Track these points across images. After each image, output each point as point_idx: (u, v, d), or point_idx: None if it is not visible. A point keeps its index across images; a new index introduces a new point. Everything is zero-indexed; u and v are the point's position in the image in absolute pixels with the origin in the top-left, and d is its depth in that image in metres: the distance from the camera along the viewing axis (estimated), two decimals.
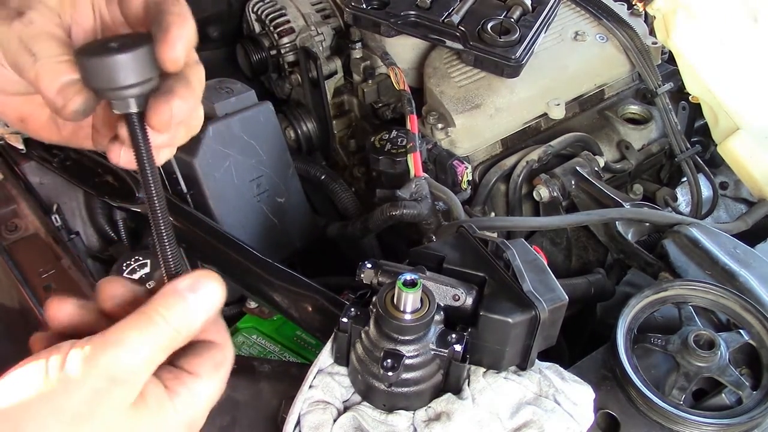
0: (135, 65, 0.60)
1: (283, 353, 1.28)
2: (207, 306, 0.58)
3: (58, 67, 0.61)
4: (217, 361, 0.60)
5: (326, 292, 1.07)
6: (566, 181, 1.35)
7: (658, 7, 1.44)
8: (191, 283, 0.57)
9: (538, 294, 0.86)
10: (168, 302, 0.56)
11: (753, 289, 1.05)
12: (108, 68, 0.59)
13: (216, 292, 0.58)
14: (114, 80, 0.60)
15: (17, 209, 1.22)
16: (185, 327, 0.57)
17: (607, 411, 0.92)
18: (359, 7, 1.41)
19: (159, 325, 0.55)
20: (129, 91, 0.60)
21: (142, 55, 0.60)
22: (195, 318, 0.57)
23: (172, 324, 0.56)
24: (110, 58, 0.59)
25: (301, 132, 1.63)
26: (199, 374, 0.58)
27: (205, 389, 0.58)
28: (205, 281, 0.58)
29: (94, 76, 0.60)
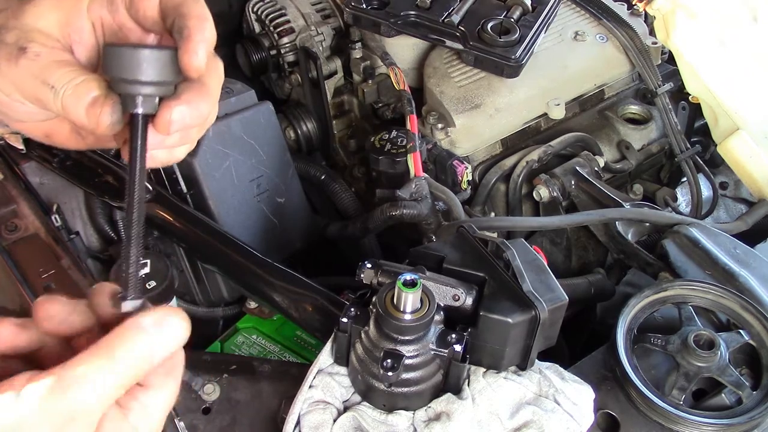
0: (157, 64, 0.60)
1: (283, 353, 1.28)
2: (171, 343, 0.57)
3: (78, 89, 0.61)
4: (167, 369, 0.59)
5: (326, 292, 1.07)
6: (566, 181, 1.35)
7: (658, 7, 1.44)
8: (156, 319, 0.56)
9: (538, 294, 0.86)
10: (132, 338, 0.55)
11: (753, 289, 1.05)
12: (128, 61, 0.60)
13: (181, 329, 0.58)
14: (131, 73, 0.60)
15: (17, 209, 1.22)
16: (147, 363, 0.56)
17: (607, 411, 0.92)
18: (359, 7, 1.41)
19: (121, 361, 0.54)
20: (143, 88, 0.61)
21: (165, 57, 0.61)
22: (157, 354, 0.56)
23: (135, 361, 0.55)
24: (136, 50, 0.60)
25: (301, 132, 1.63)
26: (150, 385, 0.58)
27: (156, 399, 0.58)
28: (171, 318, 0.57)
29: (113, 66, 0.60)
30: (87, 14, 0.67)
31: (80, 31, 0.67)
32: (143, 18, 0.67)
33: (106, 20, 0.68)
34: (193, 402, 0.95)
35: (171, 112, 0.62)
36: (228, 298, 1.35)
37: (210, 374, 0.98)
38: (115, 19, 0.68)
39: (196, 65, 0.61)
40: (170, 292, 1.16)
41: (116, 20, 0.68)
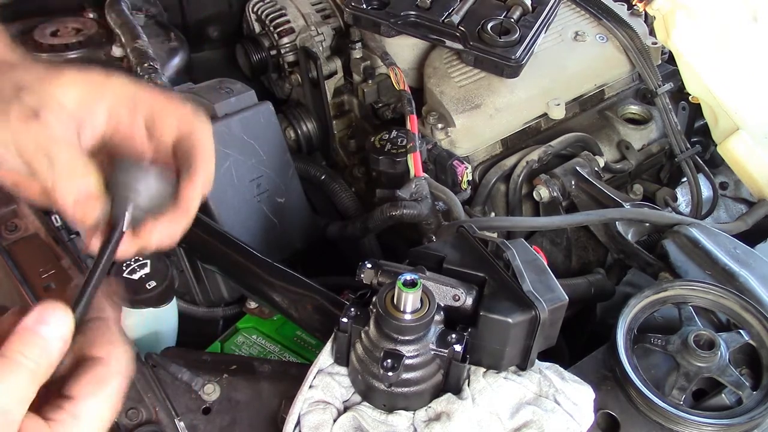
0: (157, 193, 0.66)
1: (283, 353, 1.28)
2: (59, 332, 0.58)
3: (73, 178, 0.64)
4: (98, 378, 0.60)
5: (326, 292, 1.07)
6: (566, 181, 1.35)
7: (658, 7, 1.44)
8: (38, 316, 0.58)
9: (538, 294, 0.86)
10: (23, 340, 0.56)
11: (753, 289, 1.05)
12: (140, 182, 0.65)
13: (64, 317, 0.59)
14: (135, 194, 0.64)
15: (17, 209, 1.22)
16: (45, 359, 0.57)
17: (607, 411, 0.92)
18: (359, 7, 1.41)
19: (21, 364, 0.55)
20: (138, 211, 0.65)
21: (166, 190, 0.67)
22: (51, 347, 0.57)
23: (33, 359, 0.56)
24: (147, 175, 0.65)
25: (301, 132, 1.63)
26: (79, 396, 0.59)
27: (87, 410, 0.58)
28: (51, 311, 0.58)
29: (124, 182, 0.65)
30: (107, 105, 0.69)
31: (94, 116, 0.69)
32: (156, 137, 0.70)
33: (122, 120, 0.70)
34: (193, 402, 0.95)
35: (155, 230, 0.67)
36: (228, 298, 1.35)
37: (210, 374, 0.98)
38: (132, 127, 0.70)
39: (192, 202, 0.68)
40: (170, 292, 1.16)
41: (131, 124, 0.70)
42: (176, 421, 0.92)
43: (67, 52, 1.57)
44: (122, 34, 1.56)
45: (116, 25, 1.58)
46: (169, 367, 0.97)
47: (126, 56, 1.54)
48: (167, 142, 0.70)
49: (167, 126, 0.70)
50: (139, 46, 1.52)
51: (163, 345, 1.18)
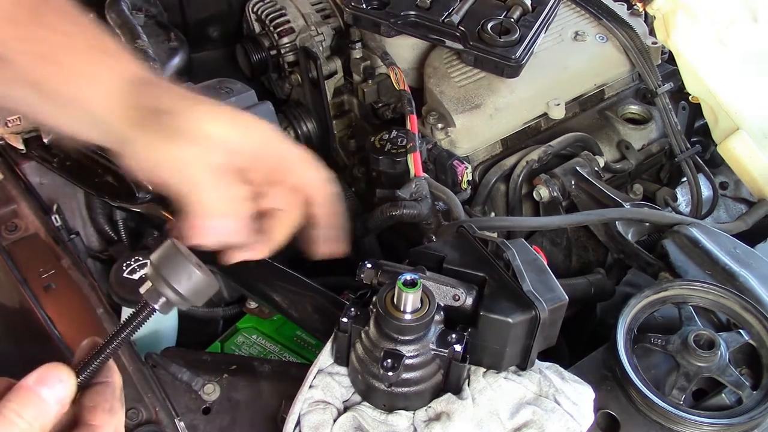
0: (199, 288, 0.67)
1: (283, 353, 1.28)
2: (58, 396, 0.59)
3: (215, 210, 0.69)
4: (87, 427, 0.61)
5: (326, 292, 1.07)
6: (566, 181, 1.35)
7: (658, 7, 1.44)
8: (39, 377, 0.59)
9: (538, 294, 0.86)
10: (20, 399, 0.57)
11: (753, 289, 1.05)
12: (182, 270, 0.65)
13: (66, 381, 0.60)
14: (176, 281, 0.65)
15: (17, 209, 1.22)
16: (39, 420, 0.58)
17: (607, 411, 0.92)
18: (359, 7, 1.41)
19: (14, 423, 0.56)
20: (174, 296, 0.66)
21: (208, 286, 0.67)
22: (48, 410, 0.58)
23: (27, 419, 0.57)
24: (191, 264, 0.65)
25: (301, 132, 1.63)
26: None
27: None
28: (54, 373, 0.60)
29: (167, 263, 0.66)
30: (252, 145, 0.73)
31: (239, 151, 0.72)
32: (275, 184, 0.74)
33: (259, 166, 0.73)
34: (193, 402, 0.95)
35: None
36: (228, 298, 1.35)
37: (210, 374, 0.98)
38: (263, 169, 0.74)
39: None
40: None
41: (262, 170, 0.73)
42: (176, 421, 0.92)
43: None
44: (122, 34, 1.55)
45: (116, 25, 1.57)
46: (169, 367, 0.97)
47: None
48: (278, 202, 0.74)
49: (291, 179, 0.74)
50: (139, 46, 1.52)
51: (163, 345, 1.18)
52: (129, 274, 1.12)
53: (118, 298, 1.10)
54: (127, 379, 0.94)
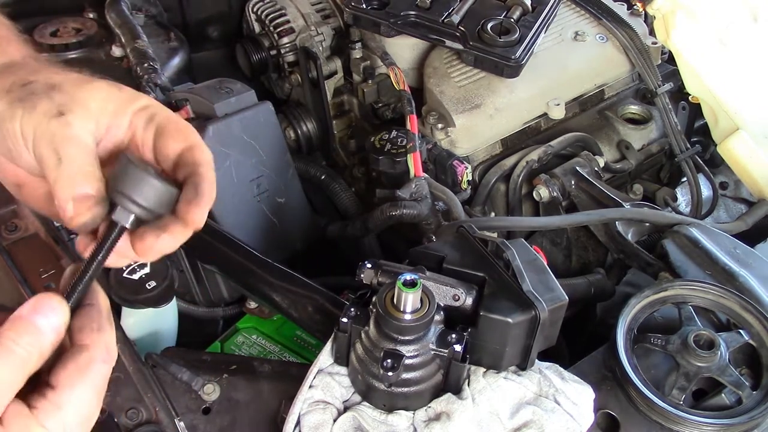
0: (160, 196, 0.66)
1: (283, 353, 1.28)
2: (53, 324, 0.59)
3: (77, 178, 0.65)
4: (82, 367, 0.60)
5: (326, 292, 1.07)
6: (566, 181, 1.35)
7: (658, 7, 1.44)
8: (34, 306, 0.59)
9: (538, 294, 0.86)
10: (16, 327, 0.57)
11: (753, 289, 1.05)
12: (139, 180, 0.64)
13: (58, 308, 0.60)
14: (136, 193, 0.64)
15: (17, 209, 1.22)
16: (36, 348, 0.58)
17: (607, 411, 0.92)
18: (359, 7, 1.41)
19: (11, 351, 0.56)
20: (137, 209, 0.65)
21: (167, 194, 0.67)
22: (44, 339, 0.58)
23: (24, 347, 0.57)
24: (147, 176, 0.65)
25: (301, 132, 1.63)
26: (62, 385, 0.59)
27: (71, 398, 0.59)
28: (48, 301, 0.60)
29: (123, 177, 0.65)
30: (130, 116, 0.72)
31: (118, 126, 0.71)
32: (159, 151, 0.72)
33: (137, 131, 0.72)
34: (193, 402, 0.95)
35: (157, 242, 0.67)
36: (228, 298, 1.35)
37: (210, 374, 0.98)
38: (144, 135, 0.72)
39: (199, 220, 0.69)
40: (170, 292, 1.16)
41: (144, 136, 0.72)
42: (176, 421, 0.92)
43: (67, 52, 1.57)
44: (122, 34, 1.56)
45: (116, 25, 1.58)
46: (169, 367, 0.97)
47: (126, 56, 1.54)
48: (169, 157, 0.72)
49: (172, 142, 0.71)
50: (139, 46, 1.52)
51: (163, 345, 1.18)
52: (129, 274, 1.12)
53: (118, 298, 1.10)
54: (127, 379, 0.94)
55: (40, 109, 0.67)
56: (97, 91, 0.71)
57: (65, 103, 0.68)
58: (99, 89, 0.71)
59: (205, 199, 0.69)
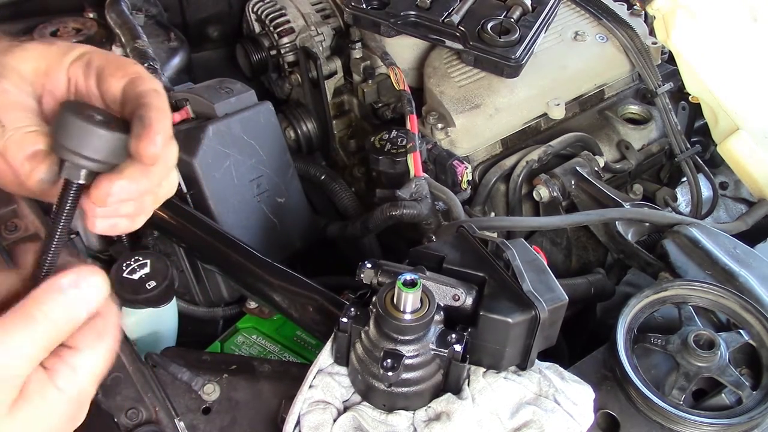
0: (106, 145, 0.62)
1: (283, 353, 1.28)
2: (90, 300, 0.58)
3: (25, 138, 0.63)
4: (97, 331, 0.60)
5: (326, 292, 1.07)
6: (566, 181, 1.35)
7: (658, 7, 1.44)
8: (74, 279, 0.57)
9: (538, 294, 0.86)
10: (50, 298, 0.56)
11: (753, 289, 1.05)
12: (83, 132, 0.60)
13: (100, 286, 0.59)
14: (81, 146, 0.61)
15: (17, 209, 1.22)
16: (67, 322, 0.57)
17: (607, 411, 0.92)
18: (359, 7, 1.41)
19: (41, 323, 0.55)
20: (86, 162, 0.61)
21: (116, 141, 0.62)
22: (77, 313, 0.57)
23: (54, 320, 0.56)
24: (90, 126, 0.60)
25: (301, 132, 1.63)
26: (79, 347, 0.59)
27: (87, 361, 0.59)
28: (89, 277, 0.58)
29: (66, 131, 0.61)
30: (67, 69, 0.69)
31: (56, 82, 0.69)
32: (104, 93, 0.69)
33: (79, 81, 0.69)
34: (193, 402, 0.95)
35: (111, 186, 0.63)
36: (228, 298, 1.35)
37: (210, 374, 0.98)
38: (86, 83, 0.69)
39: (152, 153, 0.63)
40: (170, 292, 1.16)
41: (87, 84, 0.69)
42: (176, 421, 0.92)
43: None
44: (122, 34, 1.56)
45: (116, 25, 1.58)
46: (169, 367, 0.97)
47: (126, 56, 1.54)
48: (115, 96, 0.68)
49: (114, 80, 0.68)
50: (139, 46, 1.52)
51: (163, 345, 1.18)
52: (129, 274, 1.12)
53: (118, 298, 1.10)
54: (127, 379, 0.94)
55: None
56: (28, 52, 0.68)
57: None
58: (29, 50, 0.69)
59: (154, 128, 0.63)
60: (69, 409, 0.58)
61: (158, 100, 0.66)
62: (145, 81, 0.67)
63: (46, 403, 0.56)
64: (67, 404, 0.58)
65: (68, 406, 0.58)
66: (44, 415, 0.57)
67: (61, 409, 0.58)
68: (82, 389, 0.59)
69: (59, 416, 0.58)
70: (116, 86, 0.68)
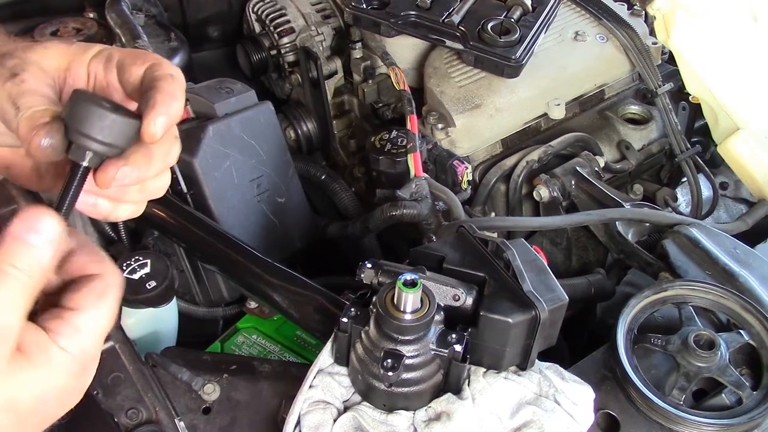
0: (114, 128, 0.63)
1: (283, 353, 1.28)
2: (50, 239, 0.57)
3: (35, 114, 0.63)
4: (98, 292, 0.60)
5: (326, 292, 1.07)
6: (566, 181, 1.35)
7: (658, 7, 1.44)
8: (26, 224, 0.57)
9: (538, 294, 0.86)
10: (11, 249, 0.56)
11: (753, 289, 1.05)
12: (91, 115, 0.62)
13: (53, 223, 0.58)
14: (89, 127, 0.62)
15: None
16: (36, 267, 0.56)
17: (607, 411, 0.92)
18: (359, 7, 1.41)
19: (10, 274, 0.55)
20: (93, 144, 0.62)
21: (125, 125, 0.63)
22: (43, 255, 0.57)
23: (22, 269, 0.55)
24: (99, 108, 0.62)
25: (301, 132, 1.63)
26: (80, 308, 0.59)
27: (89, 321, 0.59)
28: (39, 216, 0.57)
29: (75, 114, 0.62)
30: (87, 65, 0.71)
31: (77, 77, 0.71)
32: (125, 84, 0.70)
33: (99, 75, 0.71)
34: (193, 402, 0.95)
35: (115, 171, 0.64)
36: (228, 298, 1.35)
37: (210, 374, 0.98)
38: (106, 77, 0.71)
39: (152, 132, 0.64)
40: (170, 292, 1.17)
41: (107, 77, 0.71)
42: (176, 421, 0.92)
43: None
44: (122, 34, 1.56)
45: (116, 25, 1.58)
46: (169, 367, 0.97)
47: None
48: (135, 83, 0.69)
49: (135, 68, 0.69)
50: (139, 46, 1.52)
51: (163, 345, 1.18)
52: (129, 274, 1.12)
53: None
54: (127, 379, 0.94)
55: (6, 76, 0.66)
56: (49, 50, 0.70)
57: (17, 65, 0.67)
58: (50, 48, 0.71)
59: (156, 109, 0.64)
60: (74, 367, 0.58)
61: (170, 85, 0.67)
62: (163, 66, 0.68)
63: (49, 363, 0.57)
64: (72, 363, 0.58)
65: (73, 365, 0.58)
66: (48, 374, 0.57)
67: (66, 369, 0.58)
68: (85, 349, 0.59)
69: (64, 376, 0.58)
70: (137, 73, 0.69)
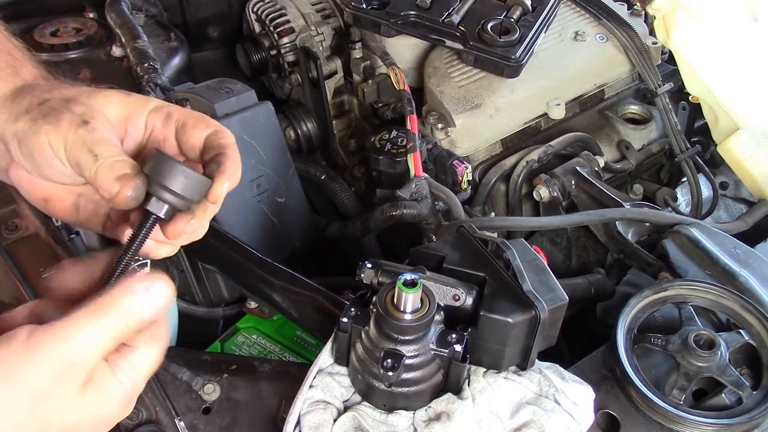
0: (194, 185, 0.71)
1: (283, 353, 1.28)
2: (158, 304, 0.66)
3: (115, 164, 0.70)
4: (154, 334, 0.67)
5: (326, 292, 1.07)
6: (566, 181, 1.35)
7: (658, 7, 1.44)
8: (147, 283, 0.65)
9: (538, 294, 0.86)
10: (124, 298, 0.64)
11: (753, 289, 1.05)
12: (175, 173, 0.69)
13: (167, 291, 0.67)
14: (172, 183, 0.69)
15: (17, 209, 1.22)
16: (136, 321, 0.64)
17: (607, 411, 0.92)
18: (359, 7, 1.41)
19: (113, 318, 0.63)
20: (171, 198, 0.70)
21: (200, 185, 0.71)
22: (146, 314, 0.65)
23: (125, 318, 0.63)
24: (182, 167, 0.69)
25: (301, 132, 1.63)
26: (137, 347, 0.66)
27: (143, 359, 0.66)
28: (159, 282, 0.66)
29: (160, 171, 0.69)
30: (146, 117, 0.78)
31: (136, 127, 0.78)
32: (185, 143, 0.77)
33: (156, 129, 0.78)
34: (193, 402, 0.95)
35: (185, 224, 0.73)
36: (228, 298, 1.35)
37: (210, 374, 0.98)
38: (164, 132, 0.78)
39: (218, 194, 0.73)
40: None
41: (164, 132, 0.78)
42: (176, 421, 0.92)
43: (67, 52, 1.57)
44: (122, 34, 1.56)
45: (116, 25, 1.58)
46: (169, 367, 0.97)
47: (126, 56, 1.54)
48: (195, 146, 0.77)
49: (197, 131, 0.77)
50: (139, 46, 1.52)
51: None
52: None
53: None
54: None
55: (64, 121, 0.71)
56: (110, 99, 0.76)
57: (86, 112, 0.73)
58: (112, 97, 0.77)
59: (226, 175, 0.73)
60: (125, 399, 0.65)
61: (236, 154, 0.76)
62: (226, 135, 0.77)
63: (108, 393, 0.64)
64: (123, 395, 0.65)
65: (124, 397, 0.65)
66: (106, 403, 0.64)
67: (119, 400, 0.65)
68: (136, 384, 0.66)
69: (117, 406, 0.65)
70: (199, 136, 0.76)
